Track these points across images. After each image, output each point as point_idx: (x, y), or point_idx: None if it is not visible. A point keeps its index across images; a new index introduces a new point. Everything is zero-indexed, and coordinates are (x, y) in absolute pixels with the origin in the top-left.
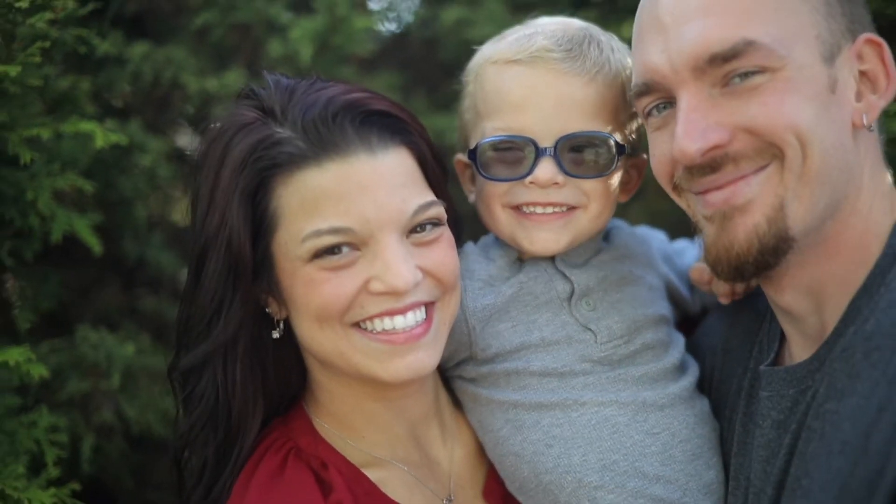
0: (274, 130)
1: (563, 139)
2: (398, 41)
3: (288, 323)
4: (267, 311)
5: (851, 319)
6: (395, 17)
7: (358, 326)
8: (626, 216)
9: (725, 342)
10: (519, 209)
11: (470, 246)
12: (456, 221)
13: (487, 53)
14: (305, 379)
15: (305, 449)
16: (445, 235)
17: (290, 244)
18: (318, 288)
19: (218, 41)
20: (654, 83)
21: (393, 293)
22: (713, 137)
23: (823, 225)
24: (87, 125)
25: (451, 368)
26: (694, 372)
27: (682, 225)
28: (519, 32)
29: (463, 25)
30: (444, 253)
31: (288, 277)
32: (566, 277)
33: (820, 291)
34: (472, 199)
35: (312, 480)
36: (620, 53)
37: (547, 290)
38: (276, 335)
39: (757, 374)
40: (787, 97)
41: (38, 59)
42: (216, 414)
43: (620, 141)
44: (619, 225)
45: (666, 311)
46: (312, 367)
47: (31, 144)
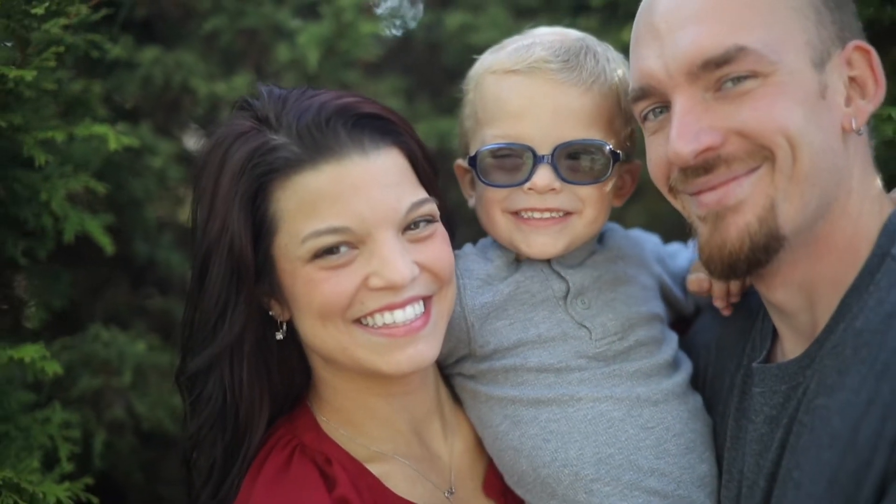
0: (269, 137)
1: (560, 147)
2: (403, 46)
3: (290, 324)
4: (270, 313)
5: (842, 317)
6: (399, 22)
7: (359, 322)
8: (625, 218)
9: (719, 340)
10: (517, 214)
11: (469, 247)
12: (449, 218)
13: (487, 63)
14: (309, 378)
15: (310, 445)
16: (439, 231)
17: (290, 246)
18: (318, 287)
19: (226, 46)
20: (649, 88)
21: (391, 288)
22: (706, 140)
23: (814, 225)
24: (100, 128)
25: (450, 366)
26: (687, 368)
27: (679, 226)
28: (518, 43)
29: (466, 30)
30: (438, 248)
31: (289, 278)
32: (562, 277)
33: (811, 290)
34: (471, 203)
35: (317, 475)
36: (615, 63)
37: (543, 289)
38: (279, 336)
39: (750, 370)
40: (777, 101)
41: (52, 63)
42: (224, 415)
43: (615, 148)
44: (613, 227)
45: (659, 309)
46: (316, 365)
47: (44, 147)
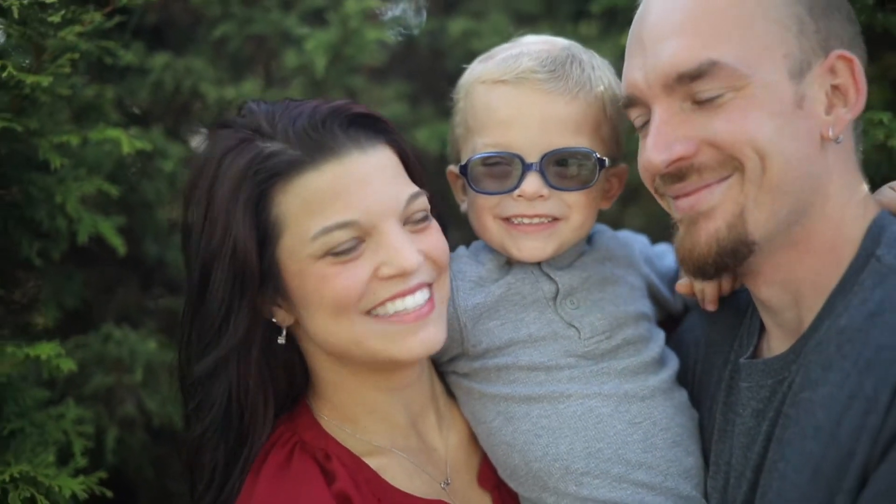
0: (265, 145)
1: (547, 155)
2: (407, 52)
3: (290, 329)
4: (273, 320)
5: (826, 315)
6: (404, 28)
7: (370, 314)
8: (622, 219)
9: (708, 337)
10: (508, 220)
11: (462, 249)
12: (440, 214)
13: (476, 72)
14: (307, 378)
15: (310, 442)
16: (433, 222)
17: (297, 246)
18: (331, 282)
19: (235, 52)
20: (634, 97)
21: (402, 275)
22: (678, 150)
23: (789, 230)
24: (113, 132)
25: (445, 364)
26: (673, 365)
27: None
28: (506, 52)
29: (469, 37)
30: (436, 237)
31: (297, 279)
32: (551, 279)
33: (795, 289)
34: (464, 208)
35: (317, 471)
36: (601, 70)
37: (534, 290)
38: (281, 341)
39: (737, 366)
40: (749, 114)
41: (67, 69)
42: (229, 418)
43: (601, 154)
44: (602, 229)
45: (646, 308)
46: (316, 365)
47: (59, 150)
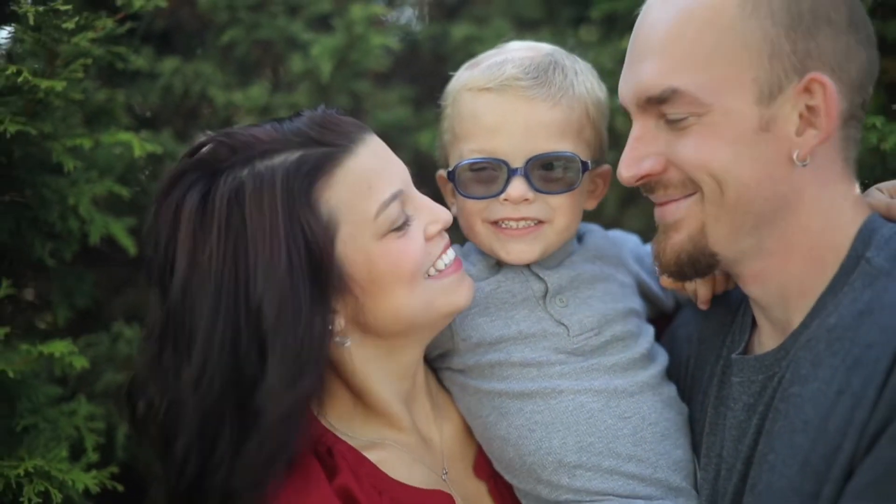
0: (279, 159)
1: (531, 160)
2: (410, 57)
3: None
4: (330, 327)
5: (817, 314)
6: (407, 34)
7: (428, 276)
8: (623, 220)
9: (700, 333)
10: (496, 224)
11: (456, 248)
12: None
13: (462, 80)
14: None
15: (311, 438)
16: None
17: (357, 231)
18: (403, 252)
19: (242, 57)
20: (624, 108)
21: (445, 229)
22: (646, 166)
23: (760, 242)
24: (125, 136)
25: (437, 360)
26: (662, 361)
27: None
28: (491, 60)
29: (471, 42)
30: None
31: (363, 265)
32: (540, 278)
33: (782, 293)
34: (453, 211)
35: (318, 467)
36: (584, 76)
37: (523, 289)
38: (347, 345)
39: (729, 361)
40: (706, 141)
41: (80, 75)
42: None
43: (584, 157)
44: (593, 228)
45: (636, 304)
46: (345, 356)
47: (71, 153)
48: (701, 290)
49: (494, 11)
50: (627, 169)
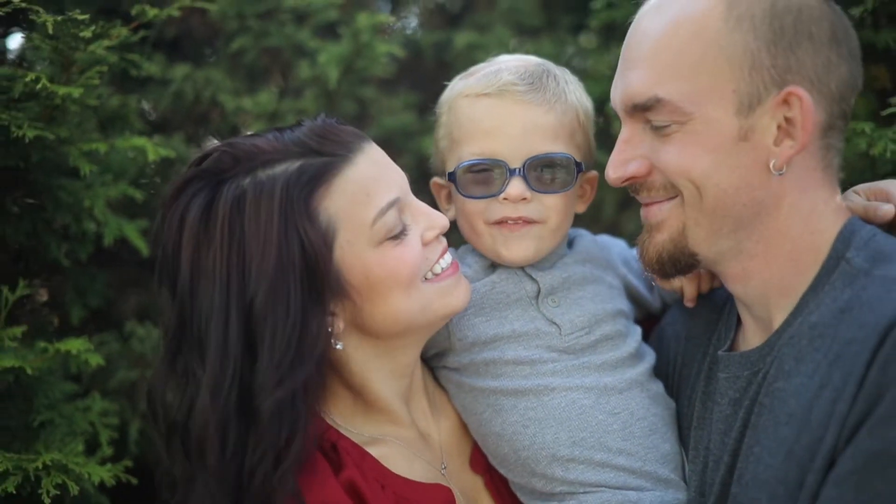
0: (280, 168)
1: (529, 160)
2: (414, 64)
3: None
4: (329, 329)
5: (799, 312)
6: (411, 41)
7: (425, 280)
8: (620, 223)
9: (688, 331)
10: (496, 224)
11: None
12: None
13: (459, 88)
14: None
15: (318, 435)
16: None
17: (354, 238)
18: (399, 260)
19: (251, 64)
20: (616, 113)
21: (442, 233)
22: (631, 169)
23: (740, 245)
24: (139, 140)
25: (433, 359)
26: (650, 359)
27: None
28: (485, 69)
29: (473, 49)
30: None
31: (360, 271)
32: (533, 279)
33: (763, 293)
34: (449, 216)
35: (325, 462)
36: (573, 85)
37: (517, 289)
38: (339, 346)
39: (715, 358)
40: (687, 148)
41: (96, 81)
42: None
43: (577, 159)
44: (582, 233)
45: (623, 306)
46: (345, 357)
47: (87, 157)
48: (687, 287)
49: (496, 19)
50: (614, 170)
